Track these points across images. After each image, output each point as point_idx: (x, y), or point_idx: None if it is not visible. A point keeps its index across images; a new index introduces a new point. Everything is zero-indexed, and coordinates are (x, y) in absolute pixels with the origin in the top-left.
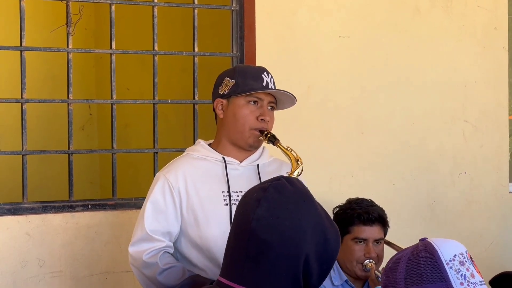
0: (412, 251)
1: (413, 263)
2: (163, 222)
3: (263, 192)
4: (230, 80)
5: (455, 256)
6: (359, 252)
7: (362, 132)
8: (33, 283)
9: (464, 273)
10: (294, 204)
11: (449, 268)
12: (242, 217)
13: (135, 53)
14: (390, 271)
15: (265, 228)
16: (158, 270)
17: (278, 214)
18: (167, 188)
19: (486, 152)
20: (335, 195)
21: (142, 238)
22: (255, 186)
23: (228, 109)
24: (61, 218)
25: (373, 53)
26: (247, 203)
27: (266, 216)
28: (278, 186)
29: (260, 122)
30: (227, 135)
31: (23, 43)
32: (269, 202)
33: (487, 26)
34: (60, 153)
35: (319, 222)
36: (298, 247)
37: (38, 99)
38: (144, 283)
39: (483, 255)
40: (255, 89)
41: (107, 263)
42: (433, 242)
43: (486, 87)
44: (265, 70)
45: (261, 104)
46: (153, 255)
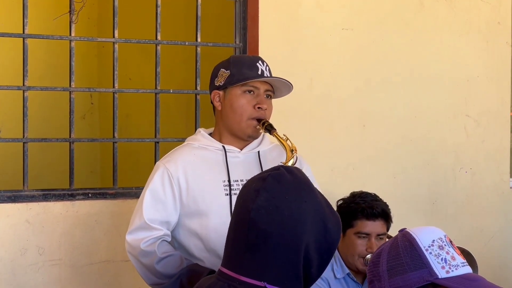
0: (392, 243)
1: (393, 254)
2: (162, 211)
3: (262, 182)
4: (225, 71)
5: (433, 241)
6: (361, 247)
7: (364, 125)
8: (32, 271)
9: (444, 257)
10: (293, 193)
11: (429, 254)
12: (242, 207)
13: (138, 42)
14: (373, 266)
15: (265, 218)
16: (156, 259)
17: (277, 204)
18: (167, 177)
19: (487, 147)
20: (336, 187)
21: (140, 226)
22: (255, 176)
23: (225, 100)
24: (61, 206)
25: (376, 47)
26: (246, 193)
27: (265, 206)
28: (277, 176)
29: (257, 111)
30: (226, 126)
31: (26, 30)
32: (268, 192)
33: (491, 21)
34: (61, 141)
35: (319, 211)
36: (297, 237)
37: (40, 86)
38: (142, 271)
39: (484, 250)
40: (250, 78)
41: (107, 251)
42: (411, 231)
43: (489, 82)
44: (260, 59)
45: (258, 93)
46: (151, 244)
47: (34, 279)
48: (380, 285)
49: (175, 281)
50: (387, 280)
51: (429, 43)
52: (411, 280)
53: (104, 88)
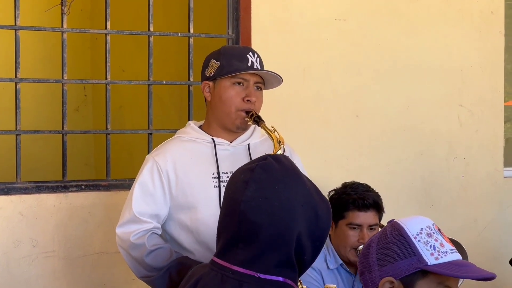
0: (381, 234)
1: (382, 244)
2: (151, 204)
3: (251, 173)
4: (216, 62)
5: (421, 229)
6: (353, 238)
7: (358, 116)
8: (26, 263)
9: (433, 244)
10: (282, 183)
11: (417, 241)
12: (231, 199)
13: (130, 34)
14: (363, 257)
15: (255, 210)
16: (145, 251)
17: (267, 194)
18: (156, 170)
19: (481, 137)
20: (330, 178)
21: (130, 219)
22: (242, 167)
23: (215, 91)
24: (55, 198)
25: (369, 37)
26: (235, 184)
27: (255, 197)
28: (265, 166)
29: (246, 103)
30: (215, 117)
31: (18, 22)
32: (257, 183)
33: (484, 10)
34: (54, 133)
35: (309, 199)
36: (289, 226)
37: (32, 78)
38: (131, 264)
39: (477, 239)
40: (240, 70)
41: (100, 243)
42: (399, 221)
43: (482, 72)
44: (251, 50)
45: (247, 85)
46: (140, 237)
47: (27, 271)
48: (370, 276)
49: (164, 274)
50: (377, 270)
51: (422, 33)
52: (401, 268)
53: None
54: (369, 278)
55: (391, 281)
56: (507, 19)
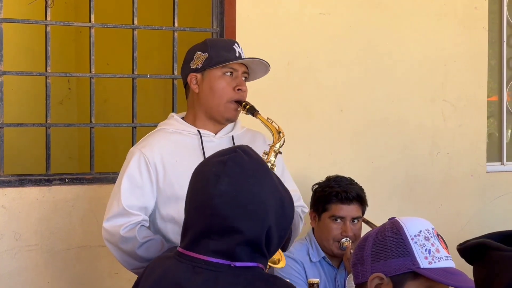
0: (380, 229)
1: (379, 240)
2: (140, 196)
3: (223, 166)
4: (202, 54)
5: (420, 232)
6: (336, 230)
7: (342, 110)
8: (9, 256)
9: (429, 248)
10: (253, 176)
11: (414, 243)
12: (203, 192)
13: (115, 27)
14: (358, 249)
15: (228, 204)
16: (137, 244)
17: (240, 188)
18: (143, 162)
19: (464, 131)
20: (314, 172)
21: (119, 213)
22: (211, 159)
23: (204, 82)
24: (38, 191)
25: (353, 31)
26: (205, 177)
27: (228, 191)
28: (236, 159)
29: (237, 93)
30: (203, 109)
31: (1, 14)
32: (229, 177)
33: (468, 6)
34: (37, 126)
35: (275, 191)
36: (261, 218)
37: (16, 71)
38: (121, 257)
39: (460, 234)
40: (230, 60)
41: (84, 237)
42: (400, 220)
43: (466, 67)
44: (235, 42)
45: (236, 75)
46: (130, 229)
47: (10, 265)
48: (362, 269)
49: None
50: (370, 264)
51: (406, 28)
52: (393, 266)
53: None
54: (361, 270)
55: (380, 277)
56: (491, 15)
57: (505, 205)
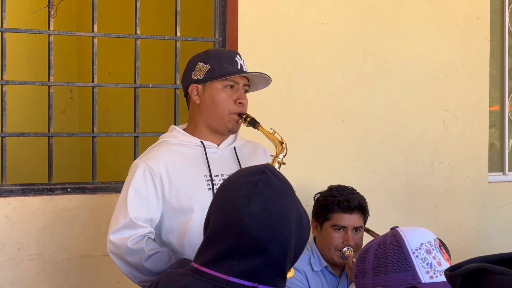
0: (381, 241)
1: (380, 253)
2: (146, 208)
3: (254, 187)
4: (204, 65)
5: (421, 244)
6: (337, 240)
7: (343, 120)
8: (10, 265)
9: (430, 262)
10: (281, 198)
11: (415, 257)
12: (232, 212)
13: (117, 37)
14: (360, 260)
15: (258, 225)
16: (144, 256)
17: (270, 209)
18: (149, 174)
19: (466, 141)
20: (315, 181)
21: (126, 225)
22: (240, 179)
23: (205, 94)
24: (40, 201)
25: (355, 41)
26: (236, 198)
27: (259, 212)
28: (266, 180)
29: (238, 106)
30: (204, 120)
31: (4, 24)
32: (260, 198)
33: (469, 15)
34: (40, 135)
35: (297, 210)
36: (287, 240)
37: (18, 81)
38: (127, 270)
39: (461, 244)
40: (232, 73)
41: (86, 246)
42: (401, 231)
43: (467, 77)
44: (237, 53)
45: (237, 88)
46: (137, 242)
47: (12, 274)
48: (364, 281)
49: None
50: (371, 277)
51: (408, 38)
52: (394, 281)
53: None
54: (362, 283)
55: None
56: (493, 24)
57: (506, 215)
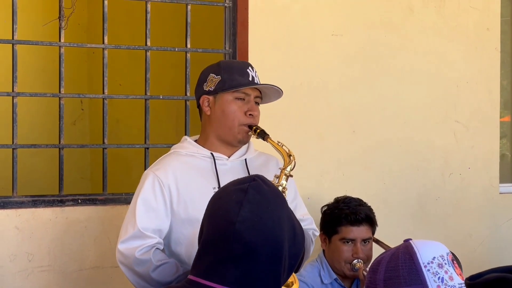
0: (393, 253)
1: (392, 265)
2: (154, 219)
3: (244, 193)
4: (216, 77)
5: (434, 258)
6: (347, 253)
7: (354, 131)
8: (21, 277)
9: (442, 276)
10: (272, 204)
11: (427, 270)
12: (223, 219)
13: (128, 48)
14: (371, 272)
15: (250, 230)
16: (151, 267)
17: (261, 215)
18: (158, 185)
19: (477, 152)
20: (325, 193)
21: (134, 235)
22: (229, 187)
23: (216, 105)
24: (51, 212)
25: (365, 52)
26: (226, 205)
27: (250, 217)
28: (256, 187)
29: (248, 118)
30: (215, 131)
31: (15, 36)
32: (251, 204)
33: (480, 26)
34: (50, 147)
35: (290, 218)
36: (279, 246)
37: (29, 92)
38: (135, 280)
39: (473, 255)
40: (243, 85)
41: (96, 258)
42: (414, 244)
43: (478, 87)
44: (249, 65)
45: (248, 99)
46: (145, 252)
47: (23, 286)
48: None
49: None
50: None
51: (418, 49)
52: None
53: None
54: None
55: None
56: (503, 35)
57: None
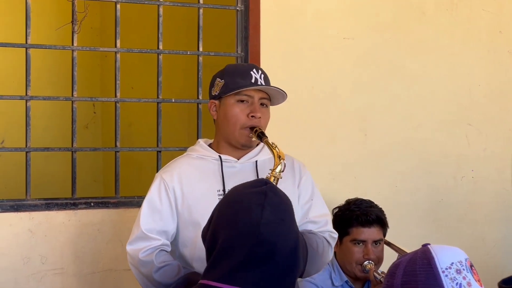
0: (411, 257)
1: (410, 270)
2: (159, 221)
3: (264, 196)
4: (220, 81)
5: (452, 264)
6: (358, 254)
7: (366, 134)
8: (35, 280)
9: (460, 282)
10: (288, 205)
11: (445, 276)
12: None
13: (140, 52)
14: (389, 276)
15: (273, 232)
16: (154, 268)
17: (281, 216)
18: (163, 187)
19: (489, 155)
20: (337, 195)
21: (138, 236)
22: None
23: (220, 109)
24: (64, 215)
25: (377, 56)
26: (247, 208)
27: (272, 219)
28: (273, 189)
29: (250, 120)
30: (222, 135)
31: (29, 40)
32: (271, 206)
33: (492, 29)
34: (63, 150)
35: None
36: (297, 246)
37: (42, 96)
38: (141, 280)
39: (485, 259)
40: (242, 87)
41: (109, 261)
42: (432, 249)
43: (491, 90)
44: (255, 67)
45: (252, 102)
46: (148, 254)
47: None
48: None
49: None
50: None
51: (430, 52)
52: None
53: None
54: None
55: None
56: None
57: None
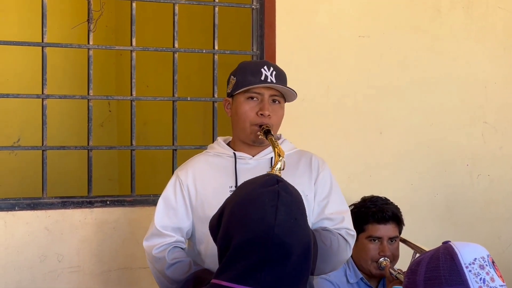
0: (433, 254)
1: (433, 266)
2: (173, 218)
3: (277, 195)
4: (233, 78)
5: (475, 259)
6: (373, 251)
7: (381, 132)
8: (51, 278)
9: (483, 277)
10: (300, 203)
11: (468, 271)
12: (260, 223)
13: (155, 50)
14: (411, 273)
15: (287, 232)
16: (166, 265)
17: (295, 216)
18: (178, 185)
19: (505, 153)
20: (353, 194)
21: (153, 233)
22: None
23: (232, 107)
24: (80, 213)
25: (392, 53)
26: (261, 208)
27: (286, 220)
28: (285, 188)
29: (259, 117)
30: (234, 132)
31: (45, 39)
32: (285, 206)
33: (508, 27)
34: (79, 149)
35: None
36: (310, 245)
37: (58, 95)
38: (156, 276)
39: (501, 257)
40: (251, 84)
41: (125, 259)
42: (454, 245)
43: (506, 88)
44: (267, 64)
45: (262, 99)
46: (161, 250)
47: (52, 286)
48: None
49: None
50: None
51: (446, 50)
52: None
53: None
54: None
55: None
56: None
57: None
